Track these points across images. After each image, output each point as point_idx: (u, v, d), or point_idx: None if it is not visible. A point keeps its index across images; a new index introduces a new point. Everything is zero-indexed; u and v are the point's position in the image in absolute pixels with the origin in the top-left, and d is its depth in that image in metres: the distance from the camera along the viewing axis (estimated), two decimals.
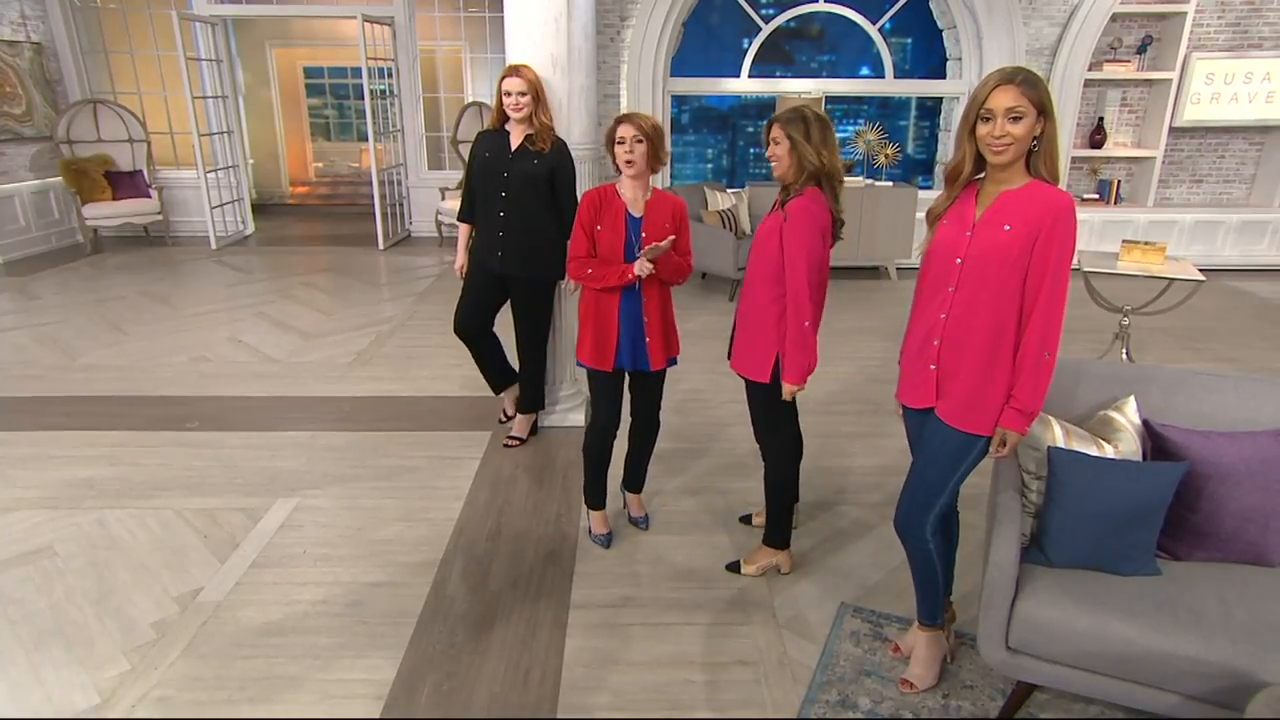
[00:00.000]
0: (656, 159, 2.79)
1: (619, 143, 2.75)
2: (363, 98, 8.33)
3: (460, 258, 3.88)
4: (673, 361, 3.06)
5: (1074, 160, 7.59)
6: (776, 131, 2.57)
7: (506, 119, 3.62)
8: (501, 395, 4.21)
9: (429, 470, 3.72)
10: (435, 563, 3.00)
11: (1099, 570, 2.11)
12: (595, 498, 3.19)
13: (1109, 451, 2.22)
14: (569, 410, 4.21)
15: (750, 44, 7.88)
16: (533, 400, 4.01)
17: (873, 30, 7.65)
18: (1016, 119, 1.90)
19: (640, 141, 2.72)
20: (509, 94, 3.52)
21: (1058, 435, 2.25)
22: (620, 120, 2.77)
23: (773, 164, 2.64)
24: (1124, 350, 4.88)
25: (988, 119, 1.94)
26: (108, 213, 8.13)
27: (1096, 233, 7.77)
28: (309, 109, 12.29)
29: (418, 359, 5.18)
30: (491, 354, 4.03)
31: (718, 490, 3.58)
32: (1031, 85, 1.93)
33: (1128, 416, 2.33)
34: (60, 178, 8.06)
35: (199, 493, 3.49)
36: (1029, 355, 2.03)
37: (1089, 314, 6.06)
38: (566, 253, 3.27)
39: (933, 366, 2.20)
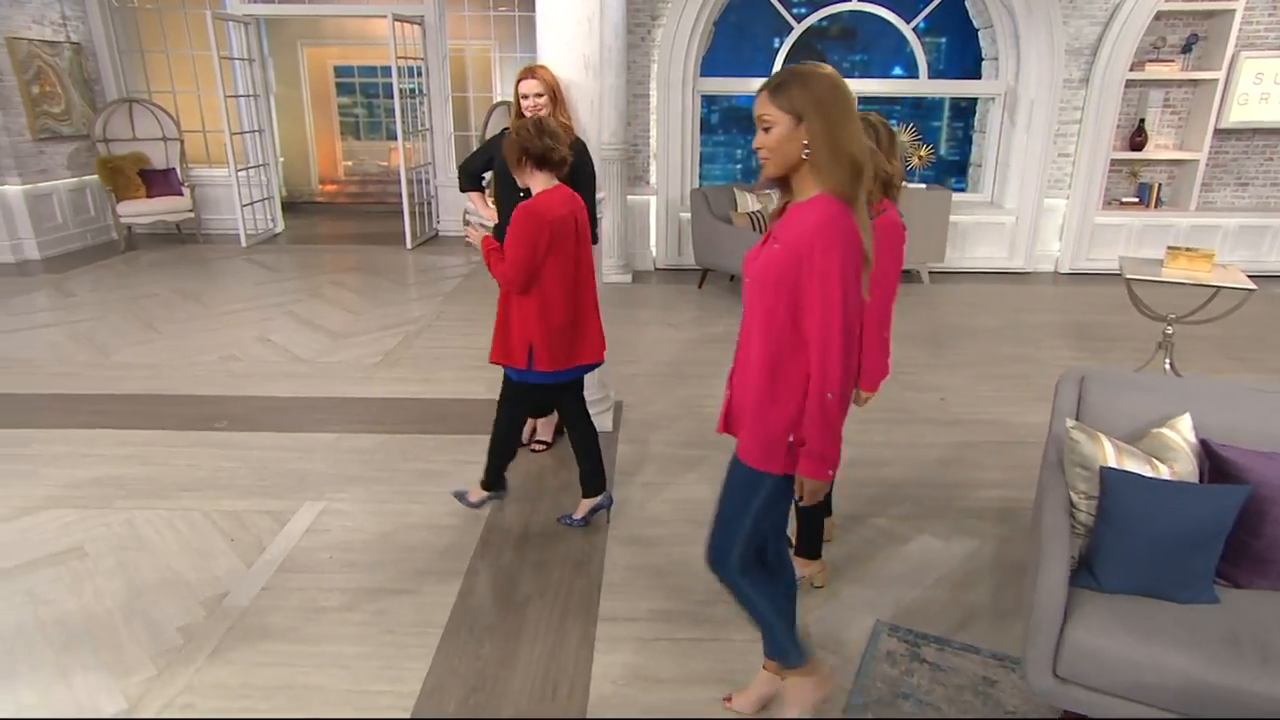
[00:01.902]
0: (521, 165, 2.87)
1: None
2: (392, 96, 8.35)
3: (489, 210, 3.81)
4: (513, 370, 3.05)
5: (1113, 163, 7.39)
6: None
7: None
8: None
9: (455, 475, 3.69)
10: (461, 572, 2.96)
11: (1154, 597, 2.01)
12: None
13: (1164, 472, 2.12)
14: (596, 416, 4.15)
15: (781, 43, 7.79)
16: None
17: (907, 29, 7.51)
18: (767, 128, 1.75)
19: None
20: (525, 96, 3.50)
21: (1109, 454, 2.16)
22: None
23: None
24: (1167, 361, 4.73)
25: None
26: (141, 210, 8.23)
27: (1135, 237, 7.58)
28: (339, 108, 12.37)
29: (445, 360, 5.16)
30: None
31: None
32: (782, 91, 1.72)
33: (1183, 435, 2.23)
34: (96, 176, 8.17)
35: (226, 494, 3.49)
36: (810, 395, 1.80)
37: (1130, 321, 5.91)
38: None
39: (728, 394, 2.06)
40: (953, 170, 9.80)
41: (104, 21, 8.44)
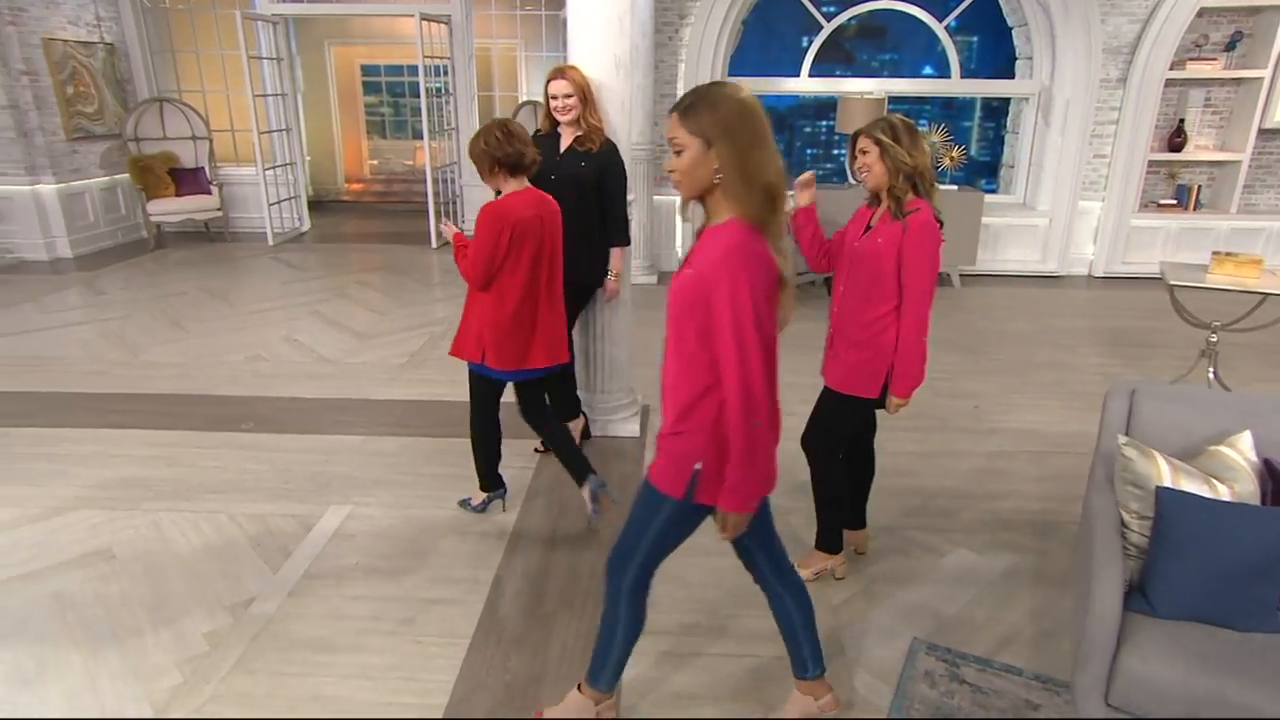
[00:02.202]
0: (490, 174, 2.94)
1: None
2: (418, 95, 8.35)
3: None
4: (475, 365, 3.09)
5: (1150, 164, 7.22)
6: (864, 141, 2.55)
7: (557, 123, 3.54)
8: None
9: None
10: (488, 580, 2.92)
11: (1212, 624, 1.92)
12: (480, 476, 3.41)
13: (1224, 493, 2.03)
14: (623, 420, 4.10)
15: (810, 42, 7.68)
16: (567, 406, 3.89)
17: (939, 28, 7.38)
18: (678, 152, 1.71)
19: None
20: (555, 97, 3.45)
21: (1164, 472, 2.06)
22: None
23: (862, 176, 2.61)
24: (1211, 370, 4.59)
25: None
26: (171, 209, 8.29)
27: (1173, 240, 7.39)
28: (365, 107, 12.41)
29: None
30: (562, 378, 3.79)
31: (782, 509, 3.41)
32: (690, 114, 1.67)
33: (1243, 453, 2.13)
34: (128, 174, 8.24)
35: (252, 497, 3.47)
36: (732, 425, 1.74)
37: (1168, 327, 5.76)
38: (607, 258, 3.57)
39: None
40: (983, 171, 9.67)
41: (137, 22, 8.52)
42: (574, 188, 3.50)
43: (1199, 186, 7.31)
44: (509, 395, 3.31)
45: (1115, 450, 2.19)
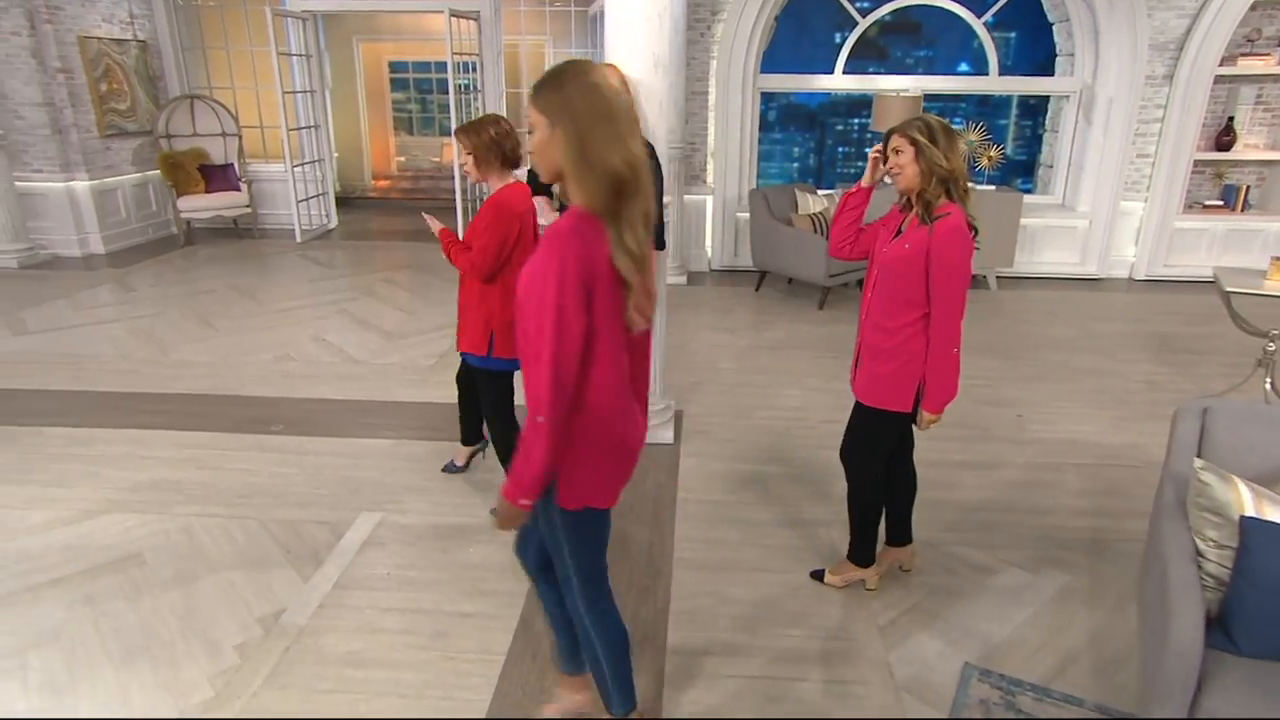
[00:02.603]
0: (487, 164, 2.98)
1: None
2: (446, 92, 8.30)
3: (551, 215, 3.70)
4: (475, 358, 3.15)
5: (1196, 164, 6.99)
6: (898, 140, 2.44)
7: None
8: None
9: None
10: (523, 593, 2.84)
11: None
12: (463, 435, 3.66)
13: None
14: (658, 427, 4.01)
15: (844, 38, 7.53)
16: None
17: (977, 24, 7.21)
18: (530, 131, 1.63)
19: (469, 154, 2.95)
20: None
21: (1245, 500, 1.94)
22: (456, 132, 3.01)
23: (894, 176, 2.49)
24: (1268, 380, 4.41)
25: None
26: (200, 205, 8.32)
27: (1219, 243, 7.17)
28: (392, 103, 12.41)
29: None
30: None
31: (820, 522, 3.34)
32: (538, 92, 1.59)
33: None
34: (158, 171, 8.28)
35: (283, 502, 3.43)
36: (528, 416, 1.69)
37: (1217, 333, 5.60)
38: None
39: None
40: (1018, 170, 9.45)
41: (169, 19, 8.55)
42: None
43: (1247, 187, 7.08)
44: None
45: (1189, 474, 2.06)
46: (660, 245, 3.58)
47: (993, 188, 6.89)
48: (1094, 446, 4.04)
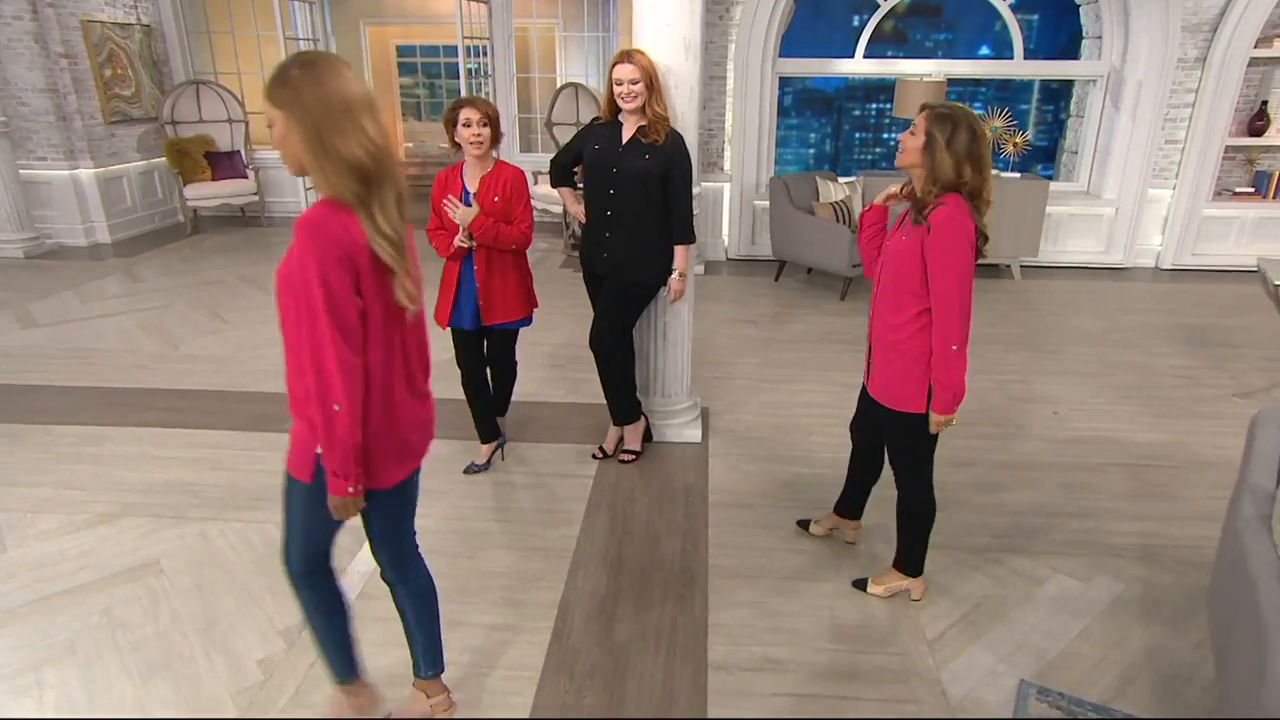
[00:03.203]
0: (496, 139, 3.15)
1: (465, 125, 3.05)
2: (454, 77, 8.14)
3: (576, 207, 3.57)
4: (523, 322, 3.43)
5: (1227, 150, 6.82)
6: (921, 121, 2.33)
7: (619, 110, 3.30)
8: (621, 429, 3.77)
9: (538, 490, 3.48)
10: (555, 604, 2.74)
11: None
12: (480, 430, 3.64)
13: None
14: (684, 425, 3.90)
15: (863, 21, 7.33)
16: (622, 409, 3.69)
17: (1002, 6, 7.00)
18: (270, 125, 1.65)
19: (485, 125, 3.07)
20: (620, 82, 3.19)
21: None
22: (464, 104, 3.06)
23: (900, 148, 2.40)
24: None
25: None
26: (207, 193, 8.18)
27: (1249, 230, 7.02)
28: (400, 88, 12.20)
29: (523, 359, 4.94)
30: (623, 371, 3.61)
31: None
32: (271, 84, 1.59)
33: None
34: (164, 158, 8.13)
35: None
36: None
37: (1252, 325, 5.48)
38: (670, 256, 3.39)
39: None
40: (1039, 156, 9.26)
41: (173, 3, 8.38)
42: (637, 182, 3.28)
43: (1279, 173, 6.90)
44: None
45: (1271, 488, 1.94)
46: (690, 238, 3.46)
47: (1017, 175, 6.72)
48: (1134, 446, 3.92)
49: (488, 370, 3.57)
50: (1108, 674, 2.44)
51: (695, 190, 3.56)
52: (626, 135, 3.31)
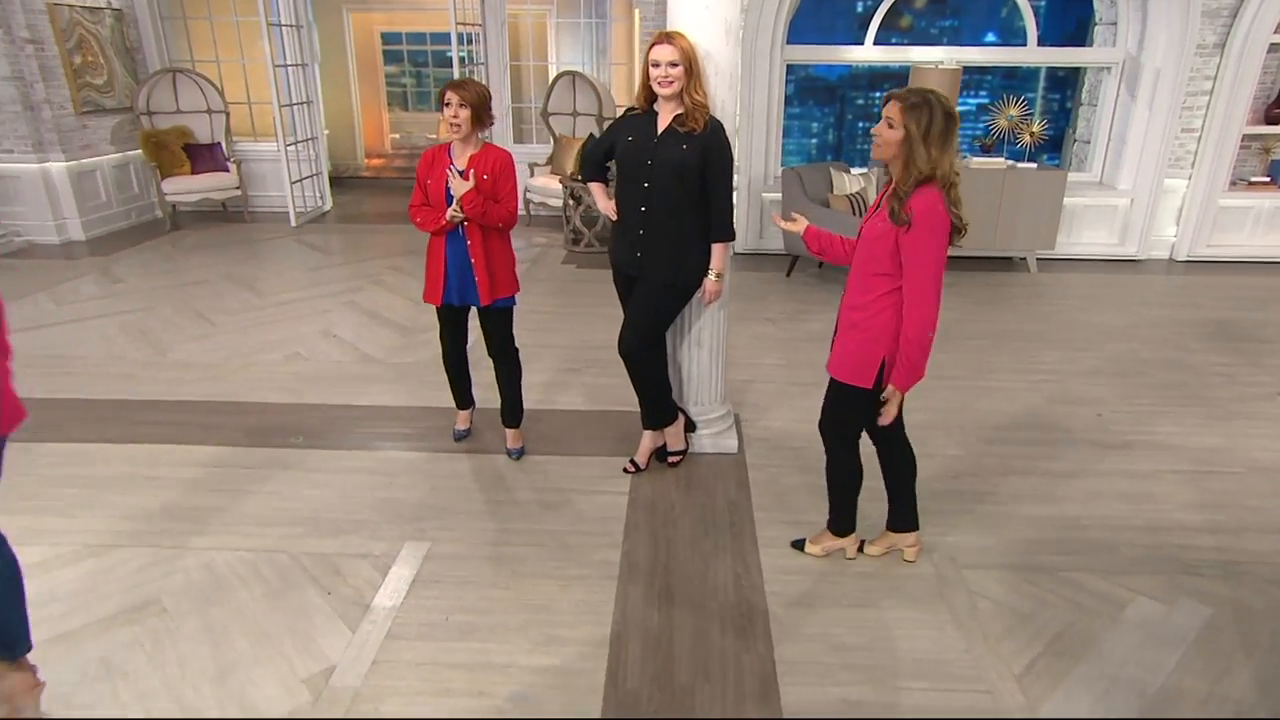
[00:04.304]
0: (480, 122, 3.13)
1: (446, 104, 3.08)
2: (441, 65, 7.83)
3: (606, 203, 3.32)
4: (507, 301, 3.40)
5: (1243, 138, 6.69)
6: (895, 112, 2.32)
7: (654, 96, 3.05)
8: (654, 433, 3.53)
9: (572, 507, 3.23)
10: (605, 639, 2.50)
11: None
12: (457, 401, 3.77)
13: None
14: (719, 435, 3.67)
15: (868, 7, 7.11)
16: (656, 414, 3.45)
17: None
18: None
19: (464, 107, 3.05)
20: (657, 64, 2.94)
21: None
22: (448, 86, 3.09)
23: (875, 141, 2.40)
24: None
25: None
26: (187, 187, 7.80)
27: (1265, 221, 6.91)
28: (385, 77, 11.79)
29: (531, 363, 4.66)
30: (656, 377, 3.38)
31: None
32: None
33: None
34: (140, 151, 7.74)
35: (314, 530, 3.05)
36: None
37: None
38: (711, 255, 3.19)
39: None
40: (1045, 145, 9.11)
41: None
42: (673, 174, 3.03)
43: None
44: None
45: None
46: (730, 235, 3.22)
47: (1033, 166, 6.55)
48: (1186, 450, 3.74)
49: (473, 359, 3.69)
50: (1220, 713, 2.25)
51: (737, 178, 3.31)
52: (662, 124, 3.06)
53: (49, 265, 6.61)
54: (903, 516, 2.88)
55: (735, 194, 3.33)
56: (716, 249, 3.20)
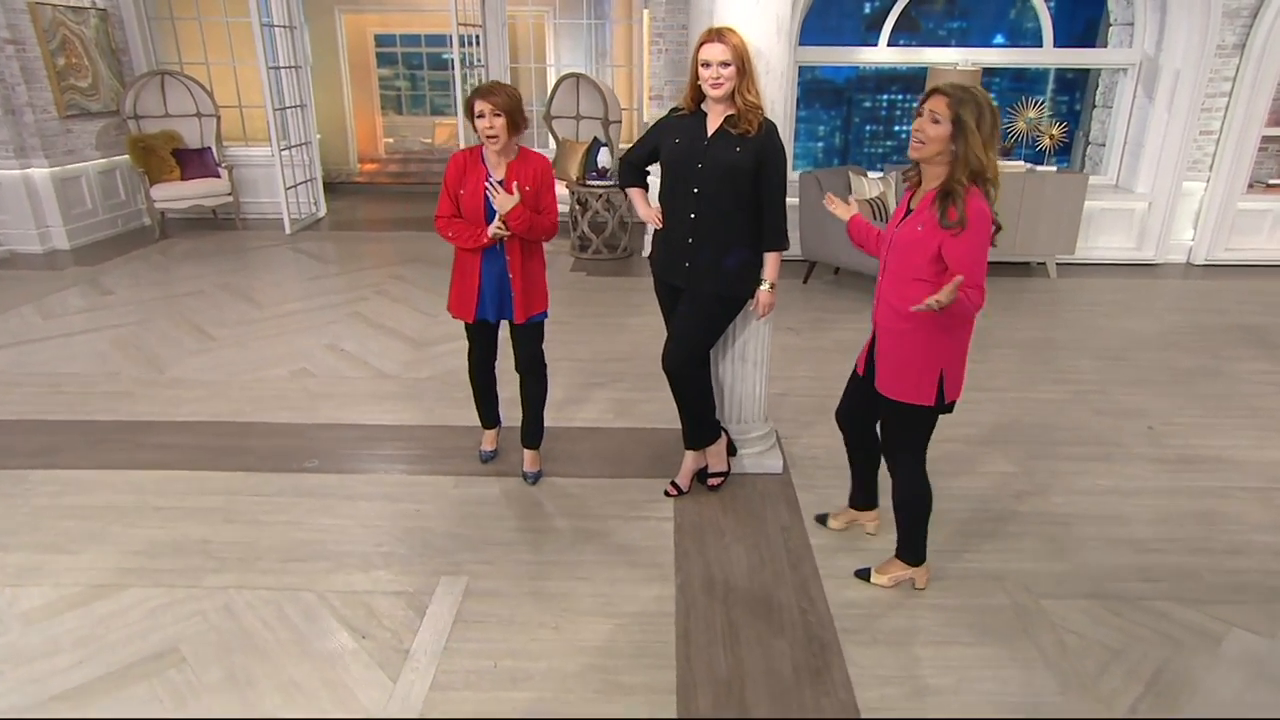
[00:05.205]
0: (516, 127, 2.86)
1: (479, 117, 2.81)
2: (436, 68, 7.61)
3: (648, 210, 3.07)
4: (542, 315, 3.18)
5: (1265, 140, 6.60)
6: (939, 105, 2.20)
7: (702, 97, 2.86)
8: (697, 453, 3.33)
9: (614, 536, 3.02)
10: (670, 686, 2.29)
11: None
12: (484, 420, 3.54)
13: None
14: (763, 454, 3.47)
15: (875, 8, 6.97)
16: (700, 433, 3.25)
17: None
18: None
19: (498, 115, 2.79)
20: (707, 64, 2.74)
21: None
22: (477, 95, 2.81)
23: (916, 139, 2.26)
24: None
25: None
26: (176, 194, 7.51)
27: None
28: (379, 80, 11.50)
29: (559, 375, 4.44)
30: (702, 394, 3.19)
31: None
32: None
33: None
34: (127, 156, 7.44)
35: (340, 565, 2.82)
36: None
37: None
38: (762, 265, 3.01)
39: None
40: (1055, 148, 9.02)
41: None
42: (726, 179, 2.84)
43: None
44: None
45: None
46: (784, 244, 3.03)
47: (1053, 169, 6.42)
48: (1250, 465, 3.59)
49: (519, 377, 3.34)
50: None
51: (792, 175, 3.12)
52: (712, 127, 2.87)
53: (33, 276, 6.32)
54: (871, 495, 2.97)
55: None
56: (770, 258, 3.01)
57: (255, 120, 8.48)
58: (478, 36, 7.84)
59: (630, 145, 3.18)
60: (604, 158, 6.90)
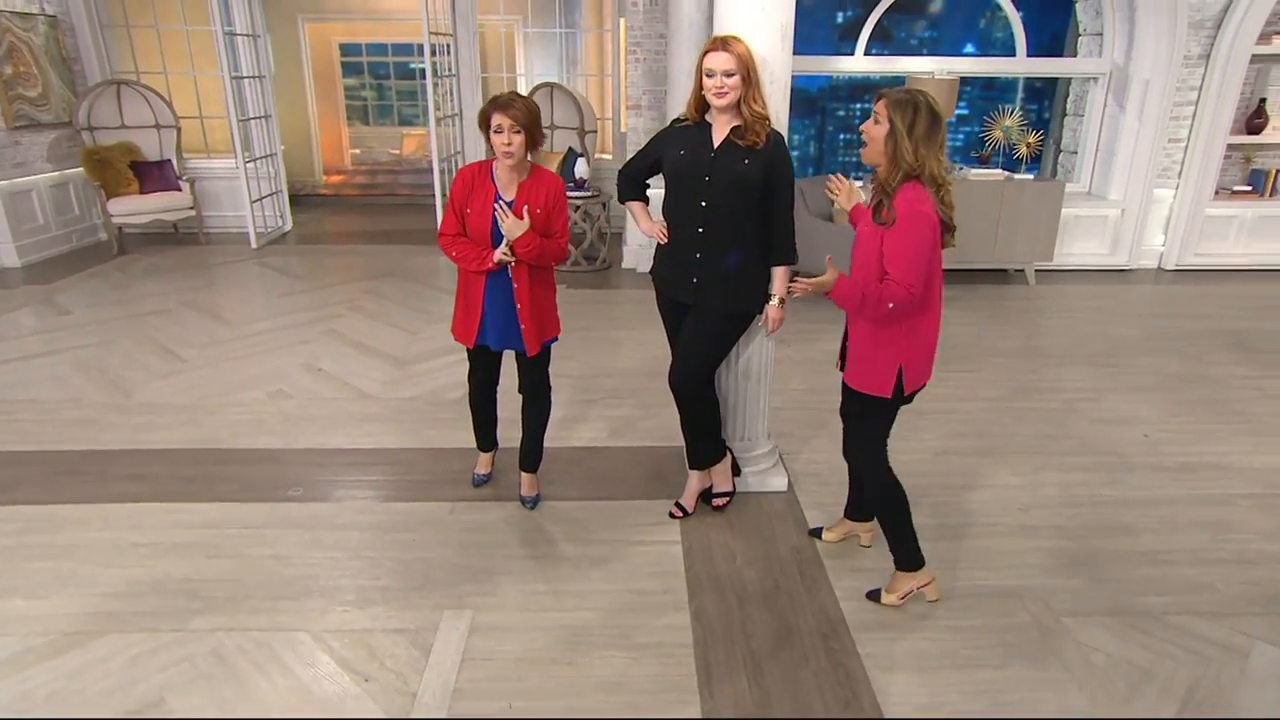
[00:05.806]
0: (534, 143, 2.72)
1: (496, 131, 2.65)
2: (405, 77, 7.46)
3: (650, 225, 2.96)
4: (554, 339, 3.07)
5: (1228, 148, 6.74)
6: (881, 109, 2.31)
7: (706, 107, 2.78)
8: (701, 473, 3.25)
9: (622, 561, 2.90)
10: None
11: None
12: (481, 444, 3.39)
13: None
14: (767, 472, 3.39)
15: (848, 17, 6.98)
16: (706, 453, 3.16)
17: (1006, 3, 6.75)
18: None
19: (518, 132, 2.64)
20: (712, 74, 2.66)
21: None
22: (494, 108, 2.63)
23: (864, 141, 2.36)
24: None
25: None
26: (136, 208, 7.22)
27: (1248, 229, 6.97)
28: (344, 90, 11.24)
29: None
30: (709, 412, 3.10)
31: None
32: None
33: None
34: (81, 169, 7.14)
35: (334, 602, 2.66)
36: None
37: None
38: (771, 280, 2.92)
39: None
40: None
41: None
42: (735, 192, 2.76)
43: (1276, 171, 6.87)
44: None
45: None
46: (793, 258, 2.95)
47: (1030, 177, 6.48)
48: (1250, 472, 3.61)
49: (522, 398, 3.19)
50: None
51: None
52: (718, 138, 2.78)
53: None
54: (864, 506, 2.90)
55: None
56: (778, 273, 2.93)
57: (216, 131, 8.22)
58: (449, 45, 7.70)
59: (630, 159, 3.08)
60: (580, 168, 6.80)
